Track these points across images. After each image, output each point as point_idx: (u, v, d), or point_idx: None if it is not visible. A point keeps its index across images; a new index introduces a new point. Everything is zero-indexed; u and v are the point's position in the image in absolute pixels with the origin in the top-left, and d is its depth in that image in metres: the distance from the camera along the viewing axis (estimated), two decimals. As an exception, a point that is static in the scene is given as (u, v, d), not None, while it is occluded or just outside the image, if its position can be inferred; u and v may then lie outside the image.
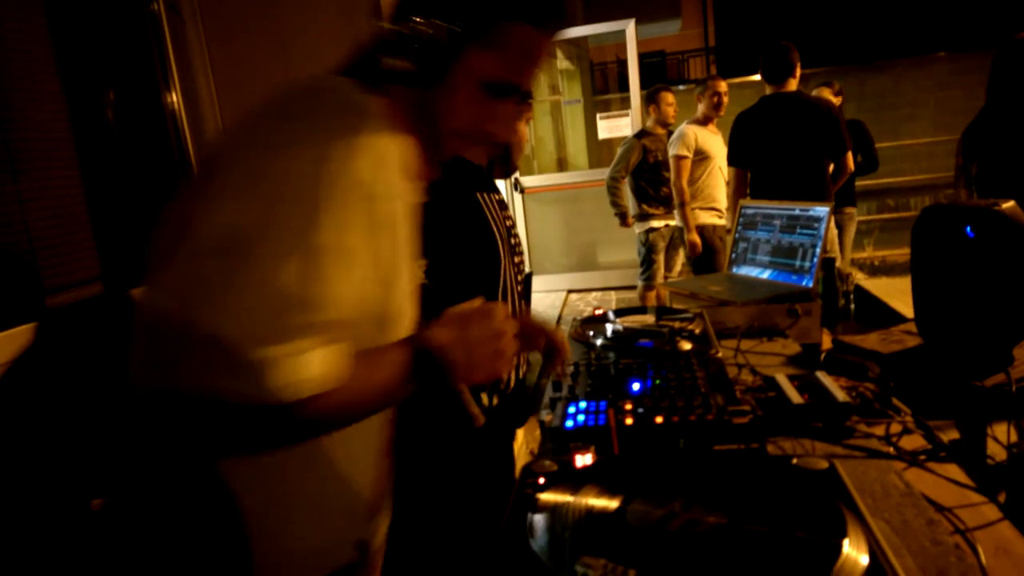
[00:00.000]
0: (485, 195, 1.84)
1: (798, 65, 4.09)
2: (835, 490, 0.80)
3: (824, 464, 0.86)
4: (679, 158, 4.91)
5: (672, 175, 4.96)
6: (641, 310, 2.00)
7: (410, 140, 0.96)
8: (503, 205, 1.91)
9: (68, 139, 2.23)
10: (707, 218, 4.94)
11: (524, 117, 2.02)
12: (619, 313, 1.97)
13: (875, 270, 6.96)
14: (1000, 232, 1.49)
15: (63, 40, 2.12)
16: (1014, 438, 1.31)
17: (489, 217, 1.80)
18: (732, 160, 4.29)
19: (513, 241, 1.86)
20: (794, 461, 0.87)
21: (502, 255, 1.77)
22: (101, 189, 2.27)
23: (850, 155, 4.08)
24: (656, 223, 5.22)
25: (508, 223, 1.88)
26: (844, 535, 0.71)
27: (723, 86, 5.00)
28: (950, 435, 1.30)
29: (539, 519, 0.82)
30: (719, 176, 4.97)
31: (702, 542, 0.73)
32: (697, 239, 4.87)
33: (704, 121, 5.02)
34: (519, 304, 1.84)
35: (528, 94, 1.03)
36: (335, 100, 0.89)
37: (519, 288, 1.86)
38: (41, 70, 2.11)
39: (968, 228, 1.52)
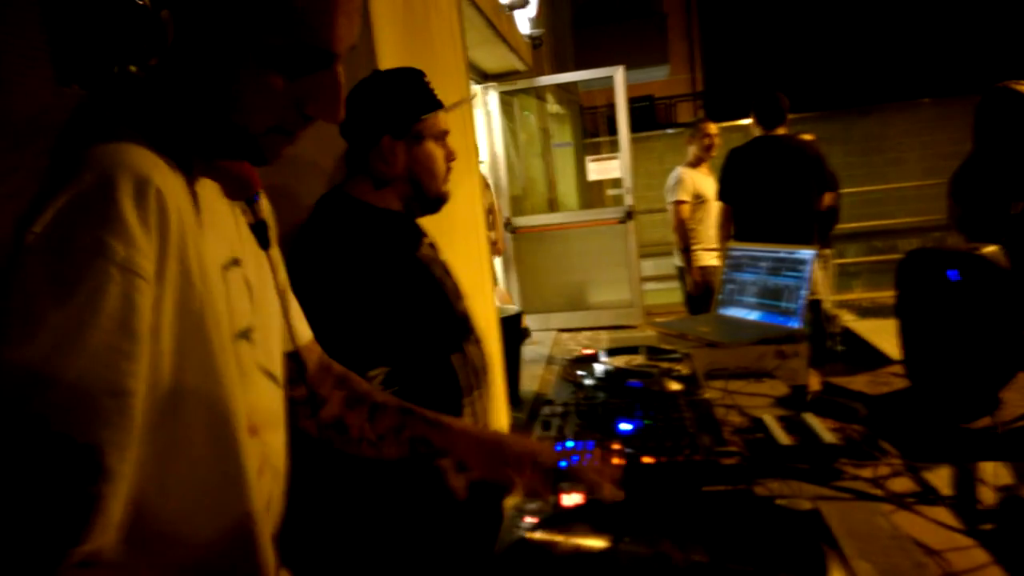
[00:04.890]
0: (422, 250, 1.63)
1: (787, 113, 4.19)
2: (818, 531, 0.80)
3: (808, 505, 0.86)
4: (679, 203, 4.97)
5: (673, 220, 5.01)
6: (632, 350, 2.01)
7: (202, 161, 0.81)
8: (436, 248, 1.70)
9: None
10: (709, 259, 4.98)
11: (446, 149, 1.68)
12: (609, 353, 1.98)
13: (865, 312, 7.00)
14: (983, 276, 1.51)
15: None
16: (1003, 480, 1.31)
17: (437, 278, 1.60)
18: (722, 195, 4.33)
19: (456, 285, 1.67)
20: (778, 502, 0.87)
21: (455, 306, 1.63)
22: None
23: (830, 195, 4.15)
24: None
25: (443, 260, 1.69)
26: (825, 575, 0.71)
27: (713, 128, 5.07)
28: (939, 477, 1.30)
29: (528, 557, 0.82)
30: (715, 217, 5.03)
31: (688, 584, 0.73)
32: (699, 280, 4.94)
33: (696, 163, 5.08)
34: (475, 354, 1.68)
35: (333, 55, 0.76)
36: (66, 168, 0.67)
37: (473, 336, 1.69)
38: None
39: (951, 272, 1.54)
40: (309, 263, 1.46)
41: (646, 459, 1.22)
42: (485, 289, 3.03)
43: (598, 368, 1.78)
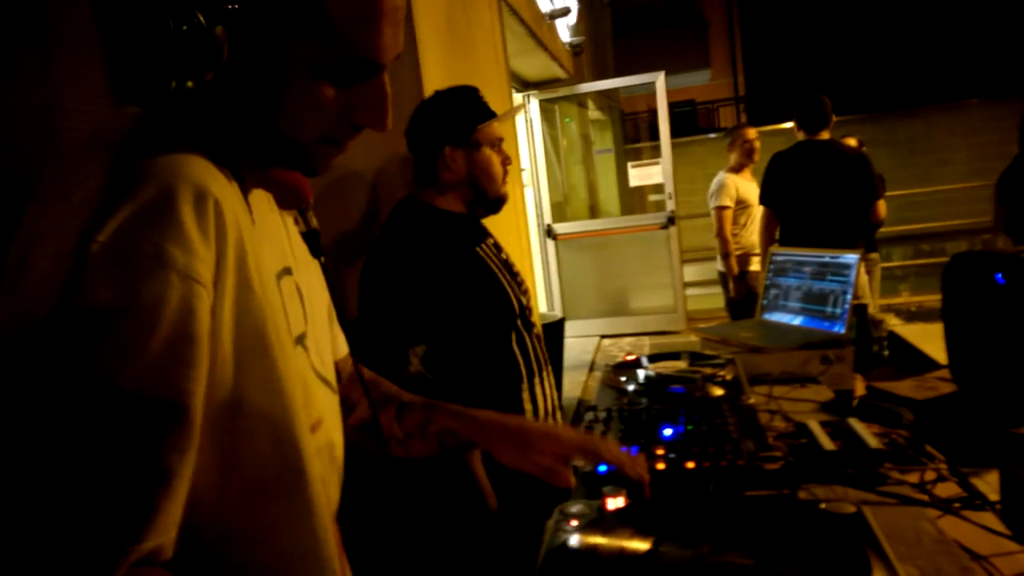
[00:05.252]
0: (482, 246, 1.82)
1: (832, 116, 4.13)
2: (862, 535, 0.81)
3: (851, 509, 0.87)
4: (721, 208, 4.95)
5: (716, 226, 4.99)
6: (674, 355, 2.01)
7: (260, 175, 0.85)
8: (499, 247, 1.89)
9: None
10: (751, 264, 4.96)
11: (502, 154, 1.87)
12: (651, 359, 1.99)
13: (911, 316, 6.88)
14: (1031, 279, 1.49)
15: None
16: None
17: (494, 269, 1.78)
18: (764, 199, 4.31)
19: (518, 279, 1.86)
20: (822, 506, 0.88)
21: (514, 303, 1.77)
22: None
23: (880, 203, 4.09)
24: None
25: (504, 257, 1.86)
26: (871, 578, 0.72)
27: (752, 133, 5.04)
28: (985, 482, 1.29)
29: (571, 561, 0.84)
30: (758, 222, 5.00)
31: (731, 584, 0.74)
32: (742, 287, 4.92)
33: (738, 169, 5.06)
34: (534, 344, 1.82)
35: (379, 66, 0.79)
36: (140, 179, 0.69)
37: (534, 330, 1.84)
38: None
39: (999, 275, 1.53)
40: (378, 257, 1.73)
41: (689, 464, 1.23)
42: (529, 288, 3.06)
43: (640, 374, 1.80)
